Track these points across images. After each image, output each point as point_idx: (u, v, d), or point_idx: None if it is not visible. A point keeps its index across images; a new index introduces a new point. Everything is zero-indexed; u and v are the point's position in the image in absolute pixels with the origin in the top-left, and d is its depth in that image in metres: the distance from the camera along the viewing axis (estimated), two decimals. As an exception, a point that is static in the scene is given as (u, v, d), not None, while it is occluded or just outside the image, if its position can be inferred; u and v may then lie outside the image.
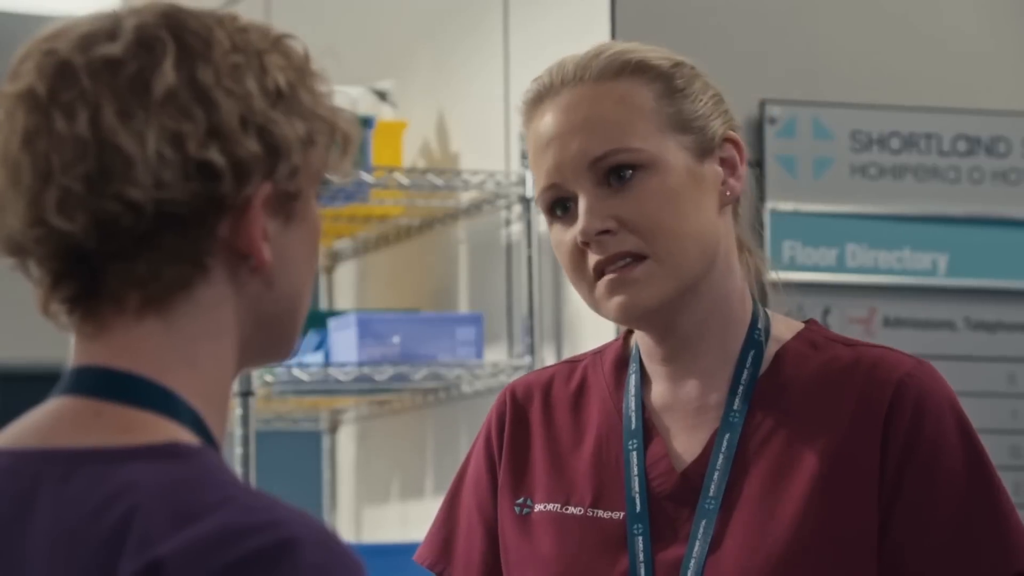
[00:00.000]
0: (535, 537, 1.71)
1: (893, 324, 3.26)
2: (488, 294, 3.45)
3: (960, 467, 1.66)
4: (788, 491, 1.65)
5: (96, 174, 1.15)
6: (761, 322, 1.72)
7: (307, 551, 1.09)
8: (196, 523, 1.10)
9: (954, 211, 3.30)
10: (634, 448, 1.70)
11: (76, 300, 1.19)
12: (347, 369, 3.32)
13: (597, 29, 3.20)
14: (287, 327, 1.24)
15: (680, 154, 1.68)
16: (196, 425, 1.18)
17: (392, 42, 3.77)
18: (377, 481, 3.77)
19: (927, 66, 3.34)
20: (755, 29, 3.24)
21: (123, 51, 1.18)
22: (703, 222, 1.68)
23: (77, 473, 1.15)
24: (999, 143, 3.35)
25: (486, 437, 1.79)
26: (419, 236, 3.64)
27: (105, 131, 1.16)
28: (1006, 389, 3.28)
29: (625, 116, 1.68)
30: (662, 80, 1.70)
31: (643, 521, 1.67)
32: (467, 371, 3.34)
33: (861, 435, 1.66)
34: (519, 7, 3.43)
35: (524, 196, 3.33)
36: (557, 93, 1.72)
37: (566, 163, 1.68)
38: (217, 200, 1.18)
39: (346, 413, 3.84)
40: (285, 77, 1.21)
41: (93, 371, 1.19)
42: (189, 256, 1.18)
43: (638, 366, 1.74)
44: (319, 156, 1.22)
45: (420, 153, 3.62)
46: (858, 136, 3.29)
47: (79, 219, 1.16)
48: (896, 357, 1.69)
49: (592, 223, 1.66)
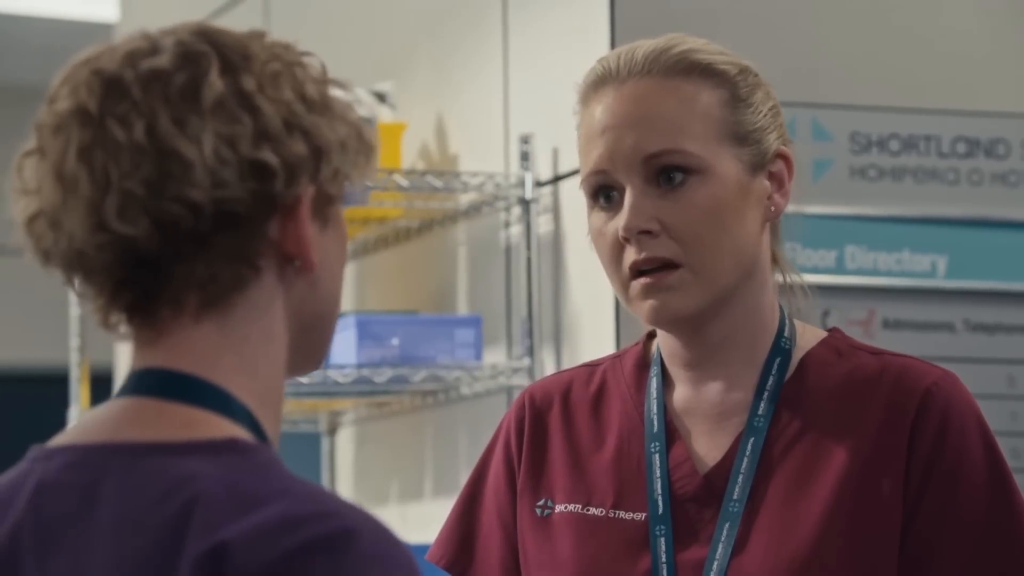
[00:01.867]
0: (556, 538, 1.72)
1: (892, 326, 3.26)
2: (487, 296, 3.45)
3: (982, 478, 1.67)
4: (812, 495, 1.66)
5: (156, 178, 1.20)
6: (788, 330, 1.72)
7: (365, 541, 1.14)
8: (259, 510, 1.14)
9: (953, 213, 3.30)
10: (656, 450, 1.70)
11: (136, 307, 1.23)
12: (346, 371, 3.32)
13: (596, 31, 3.20)
14: (326, 331, 1.29)
15: (733, 165, 1.68)
16: (251, 425, 1.23)
17: (391, 44, 3.77)
18: (376, 483, 3.76)
19: (926, 68, 3.34)
20: (754, 31, 3.24)
21: (170, 63, 1.23)
22: (744, 236, 1.68)
23: (141, 465, 1.19)
24: (998, 145, 3.35)
25: (505, 441, 1.79)
26: (418, 238, 3.64)
27: (162, 138, 1.20)
28: (1005, 391, 3.28)
29: (687, 118, 1.67)
30: (728, 87, 1.70)
31: (666, 522, 1.68)
32: (466, 373, 3.34)
33: (887, 443, 1.67)
34: (518, 9, 3.43)
35: (523, 198, 3.33)
36: (622, 81, 1.70)
37: (619, 153, 1.67)
38: (270, 200, 1.22)
39: (345, 415, 3.84)
40: (315, 88, 1.26)
41: (154, 373, 1.23)
42: (244, 256, 1.22)
43: (659, 369, 1.74)
44: (349, 161, 1.27)
45: (419, 155, 3.62)
46: (857, 138, 3.29)
47: (141, 223, 1.20)
48: (923, 367, 1.71)
49: (636, 220, 1.65)
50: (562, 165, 3.31)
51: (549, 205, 3.33)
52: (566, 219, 3.30)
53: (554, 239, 3.32)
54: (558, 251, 3.31)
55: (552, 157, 3.32)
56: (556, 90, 3.39)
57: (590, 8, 3.23)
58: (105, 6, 5.97)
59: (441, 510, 3.87)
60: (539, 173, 3.34)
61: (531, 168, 3.33)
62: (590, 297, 3.23)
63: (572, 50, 3.29)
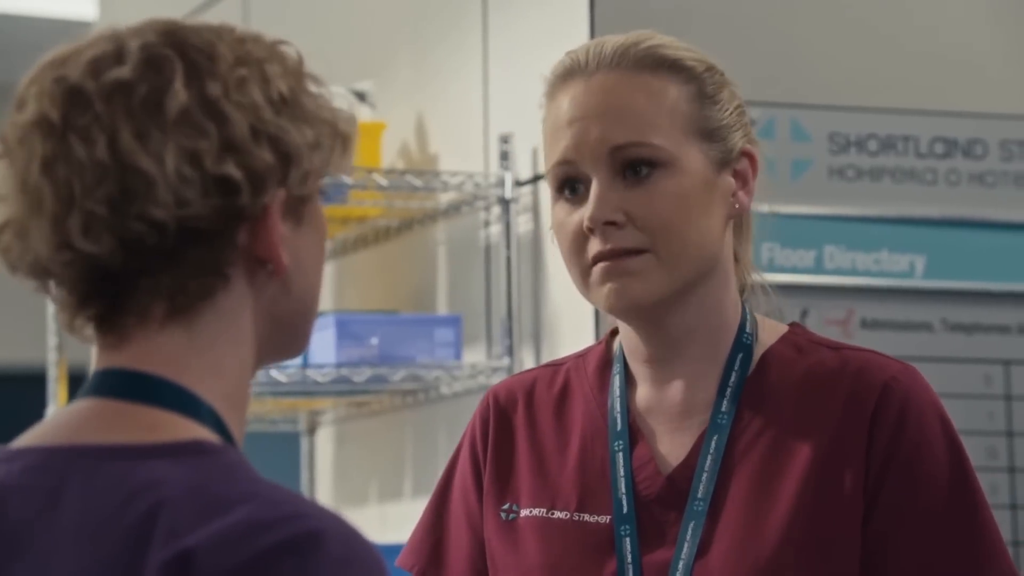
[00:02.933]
0: (521, 543, 1.71)
1: (871, 326, 3.27)
2: (467, 295, 3.45)
3: (942, 471, 1.67)
4: (776, 493, 1.66)
5: (119, 197, 1.19)
6: (749, 326, 1.72)
7: (332, 543, 1.12)
8: (224, 515, 1.13)
9: (931, 213, 3.31)
10: (620, 449, 1.70)
11: (102, 317, 1.22)
12: (325, 370, 3.32)
13: (576, 31, 3.21)
14: (302, 326, 1.28)
15: (699, 160, 1.68)
16: (217, 426, 1.21)
17: (371, 43, 3.77)
18: (356, 483, 3.76)
19: (905, 69, 3.35)
20: (733, 31, 3.24)
21: (132, 73, 1.21)
22: (708, 230, 1.68)
23: (104, 468, 1.18)
24: (976, 145, 3.36)
25: (471, 442, 1.78)
26: (398, 237, 3.64)
27: (124, 154, 1.19)
28: (983, 390, 3.29)
29: (654, 111, 1.68)
30: (695, 83, 1.70)
31: (630, 523, 1.68)
32: (446, 372, 3.34)
33: (847, 437, 1.67)
34: (498, 9, 3.43)
35: (503, 197, 3.33)
36: (590, 74, 1.70)
37: (586, 145, 1.67)
38: (236, 212, 1.21)
39: (324, 415, 3.84)
40: (286, 84, 1.24)
41: (117, 373, 1.22)
42: (212, 268, 1.21)
43: (622, 367, 1.74)
44: (323, 158, 1.25)
45: (399, 154, 3.62)
46: (836, 138, 3.30)
47: (105, 241, 1.19)
48: (882, 361, 1.70)
49: (601, 211, 1.66)
50: (542, 165, 3.31)
51: (529, 205, 3.34)
52: (546, 219, 3.31)
53: (534, 238, 3.32)
54: (538, 250, 3.31)
55: (532, 157, 3.33)
56: (536, 90, 3.38)
57: (569, 8, 3.24)
58: (83, 4, 5.95)
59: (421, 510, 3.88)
60: (519, 173, 3.34)
61: (511, 168, 3.33)
62: (570, 296, 3.23)
63: (552, 50, 3.28)
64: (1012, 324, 3.33)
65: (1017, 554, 3.25)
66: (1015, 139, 3.37)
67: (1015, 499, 3.28)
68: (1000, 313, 3.32)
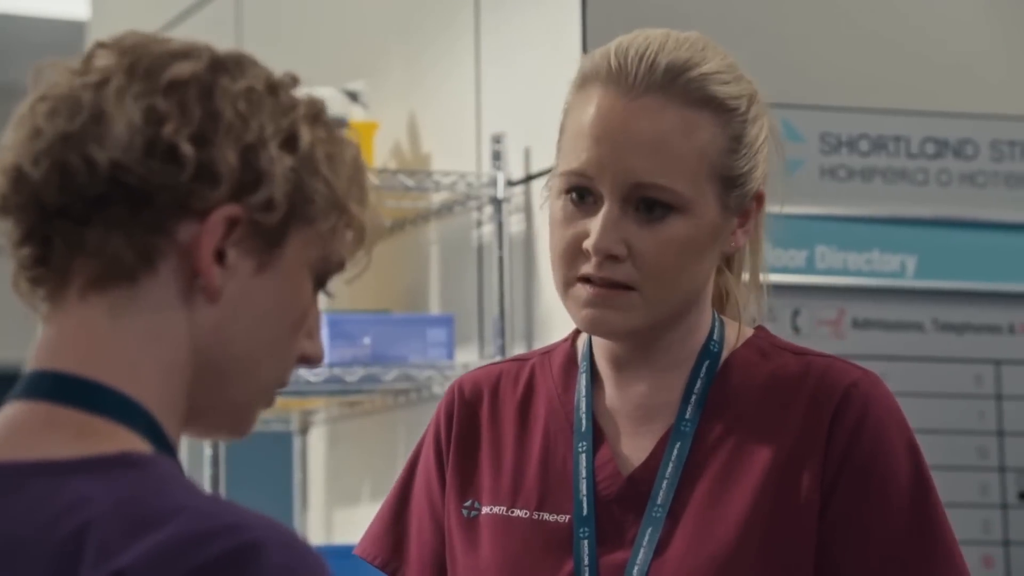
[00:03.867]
0: (481, 540, 1.71)
1: (862, 325, 3.28)
2: (459, 295, 3.46)
3: (899, 478, 1.67)
4: (733, 498, 1.66)
5: (75, 131, 1.18)
6: (717, 332, 1.72)
7: (272, 553, 1.08)
8: (155, 532, 1.08)
9: (922, 213, 3.32)
10: (583, 450, 1.70)
11: (33, 266, 1.20)
12: (318, 370, 3.32)
13: (568, 31, 3.21)
14: (238, 388, 1.21)
15: (713, 207, 1.66)
16: (152, 431, 1.17)
17: (363, 43, 3.77)
18: (348, 482, 3.77)
19: (896, 69, 3.35)
20: (724, 32, 3.24)
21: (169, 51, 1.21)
22: (699, 274, 1.67)
23: (27, 486, 1.14)
24: (967, 146, 3.37)
25: (435, 435, 1.78)
26: (390, 237, 3.64)
27: (102, 97, 1.19)
28: (973, 390, 3.30)
29: (686, 153, 1.64)
30: (733, 127, 1.66)
31: (589, 524, 1.67)
32: (438, 372, 3.34)
33: (806, 442, 1.66)
34: (490, 9, 3.43)
35: (495, 197, 3.34)
36: (636, 95, 1.65)
37: (610, 169, 1.63)
38: (174, 192, 1.18)
39: (317, 414, 3.84)
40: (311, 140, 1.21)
41: (51, 376, 1.18)
42: (137, 241, 1.18)
43: (588, 366, 1.73)
44: (324, 233, 1.21)
45: (391, 154, 3.62)
46: (827, 138, 3.30)
47: (42, 166, 1.18)
48: (844, 367, 1.70)
49: (605, 243, 1.63)
50: (534, 164, 3.32)
51: (521, 204, 3.34)
52: (538, 218, 3.31)
53: (526, 238, 3.33)
54: (530, 250, 3.31)
55: (524, 156, 3.33)
56: (528, 90, 3.40)
57: (562, 8, 3.24)
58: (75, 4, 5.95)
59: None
60: (511, 172, 3.34)
61: (503, 167, 3.33)
62: (561, 296, 3.23)
63: (544, 50, 3.30)
64: (1003, 324, 3.34)
65: (1008, 554, 3.26)
66: (1006, 139, 3.38)
67: (1005, 499, 3.29)
68: (991, 313, 3.33)
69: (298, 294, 1.22)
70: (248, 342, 1.20)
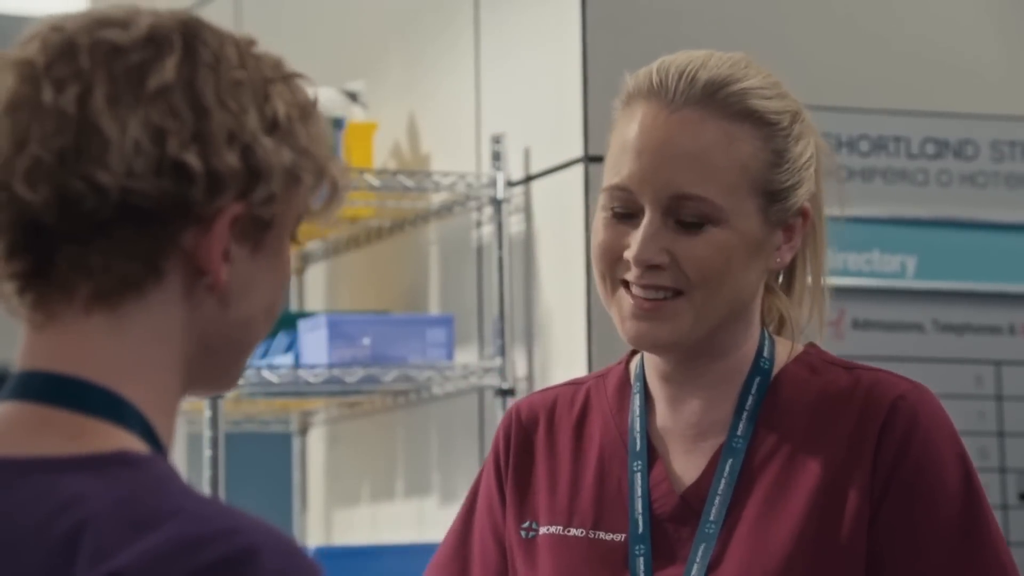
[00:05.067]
0: (539, 559, 1.73)
1: (862, 326, 3.27)
2: (459, 296, 3.46)
3: (950, 490, 1.68)
4: (784, 513, 1.67)
5: (71, 150, 1.15)
6: (767, 350, 1.73)
7: (267, 558, 1.08)
8: (152, 533, 1.08)
9: (923, 214, 3.32)
10: (638, 470, 1.72)
11: (26, 278, 1.18)
12: (317, 371, 3.32)
13: (568, 31, 3.21)
14: (234, 357, 1.23)
15: (755, 220, 1.67)
16: (145, 432, 1.17)
17: (363, 43, 3.77)
18: (347, 483, 3.76)
19: (896, 69, 3.35)
20: (723, 33, 3.25)
21: (129, 41, 1.18)
22: (744, 287, 1.68)
23: (23, 482, 1.13)
24: (967, 146, 3.36)
25: (495, 458, 1.80)
26: (390, 238, 3.64)
27: (90, 111, 1.16)
28: (973, 391, 3.30)
29: (726, 166, 1.66)
30: (777, 140, 1.68)
31: (645, 542, 1.69)
32: (437, 373, 3.34)
33: (856, 456, 1.68)
34: (490, 8, 3.43)
35: (495, 198, 3.34)
36: (676, 107, 1.67)
37: (649, 182, 1.66)
38: (184, 205, 1.17)
39: (316, 415, 3.84)
40: (285, 109, 1.21)
41: (41, 376, 1.17)
42: (144, 256, 1.17)
43: (642, 386, 1.75)
44: (303, 196, 1.22)
45: (391, 154, 3.62)
46: (827, 139, 3.29)
47: (42, 191, 1.15)
48: (892, 379, 1.71)
49: (647, 253, 1.65)
50: (534, 165, 3.32)
51: (520, 205, 3.34)
52: (537, 219, 3.31)
53: (525, 239, 3.32)
54: (529, 251, 3.31)
55: (524, 157, 3.33)
56: (528, 90, 3.40)
57: (561, 8, 3.24)
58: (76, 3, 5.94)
59: (412, 510, 3.87)
60: (511, 173, 3.34)
61: (503, 168, 3.33)
62: (561, 297, 3.23)
63: (544, 50, 3.30)
64: (1003, 324, 3.33)
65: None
66: (1006, 140, 3.38)
67: (1006, 499, 3.29)
68: (991, 313, 3.33)
69: (285, 257, 1.23)
70: (247, 317, 1.22)
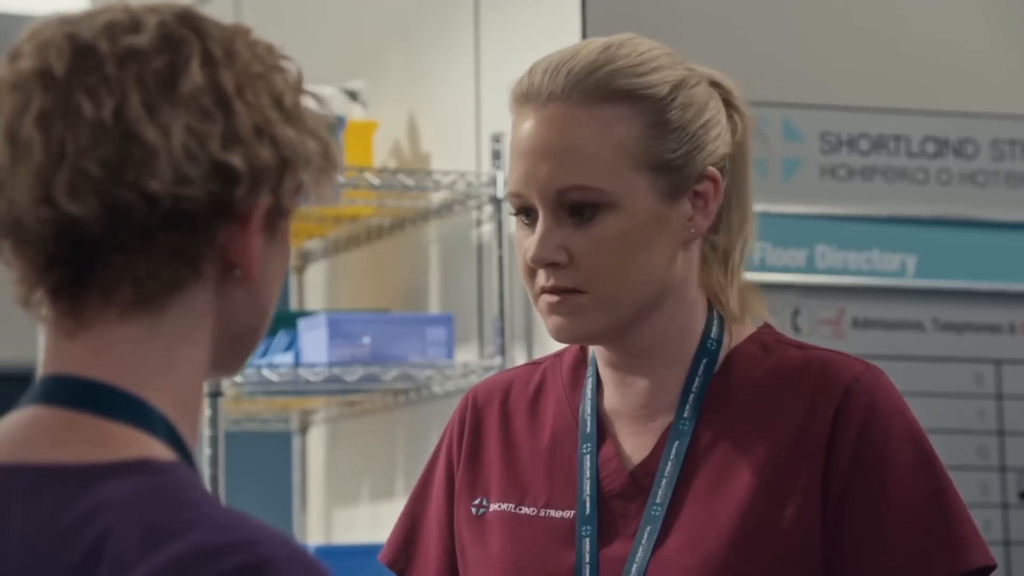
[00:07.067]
0: (489, 536, 1.74)
1: (862, 325, 3.27)
2: (459, 295, 3.46)
3: (909, 469, 1.67)
4: (732, 490, 1.67)
5: (115, 161, 1.14)
6: (715, 331, 1.73)
7: (282, 570, 1.09)
8: (170, 544, 1.09)
9: (923, 212, 3.32)
10: (588, 451, 1.72)
11: (63, 290, 1.17)
12: (317, 370, 3.32)
13: (568, 29, 3.21)
14: (253, 342, 1.24)
15: (649, 196, 1.67)
16: (169, 436, 1.17)
17: (363, 42, 3.77)
18: (347, 482, 3.76)
19: (896, 68, 3.35)
20: (724, 30, 3.25)
21: (149, 44, 1.17)
22: (652, 266, 1.68)
23: (47, 491, 1.13)
24: (967, 145, 3.36)
25: (448, 440, 1.82)
26: (390, 236, 3.64)
27: (130, 121, 1.15)
28: (973, 389, 3.30)
29: (601, 150, 1.66)
30: (654, 112, 1.67)
31: (592, 523, 1.70)
32: (438, 372, 3.34)
33: (807, 437, 1.67)
34: (490, 7, 3.43)
35: (495, 196, 3.34)
36: (543, 104, 1.69)
37: (534, 183, 1.68)
38: (227, 205, 1.17)
39: (316, 414, 3.84)
40: (291, 95, 1.21)
41: (66, 380, 1.17)
42: (188, 258, 1.17)
43: (594, 369, 1.76)
44: (311, 176, 1.22)
45: (391, 153, 3.62)
46: (827, 137, 3.30)
47: (90, 204, 1.14)
48: (845, 360, 1.71)
49: (543, 252, 1.67)
50: (533, 164, 3.32)
51: (520, 204, 3.34)
52: (537, 218, 3.31)
53: (525, 238, 3.33)
54: (529, 250, 3.32)
55: (523, 156, 3.33)
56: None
57: (561, 7, 3.24)
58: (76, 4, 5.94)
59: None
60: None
61: (502, 167, 3.33)
62: (561, 296, 3.23)
63: (543, 49, 3.28)
64: (1003, 323, 3.34)
65: (1008, 553, 3.25)
66: (1006, 139, 3.38)
67: (1006, 498, 3.29)
68: (991, 312, 3.33)
69: (289, 242, 1.24)
70: (267, 304, 1.23)
